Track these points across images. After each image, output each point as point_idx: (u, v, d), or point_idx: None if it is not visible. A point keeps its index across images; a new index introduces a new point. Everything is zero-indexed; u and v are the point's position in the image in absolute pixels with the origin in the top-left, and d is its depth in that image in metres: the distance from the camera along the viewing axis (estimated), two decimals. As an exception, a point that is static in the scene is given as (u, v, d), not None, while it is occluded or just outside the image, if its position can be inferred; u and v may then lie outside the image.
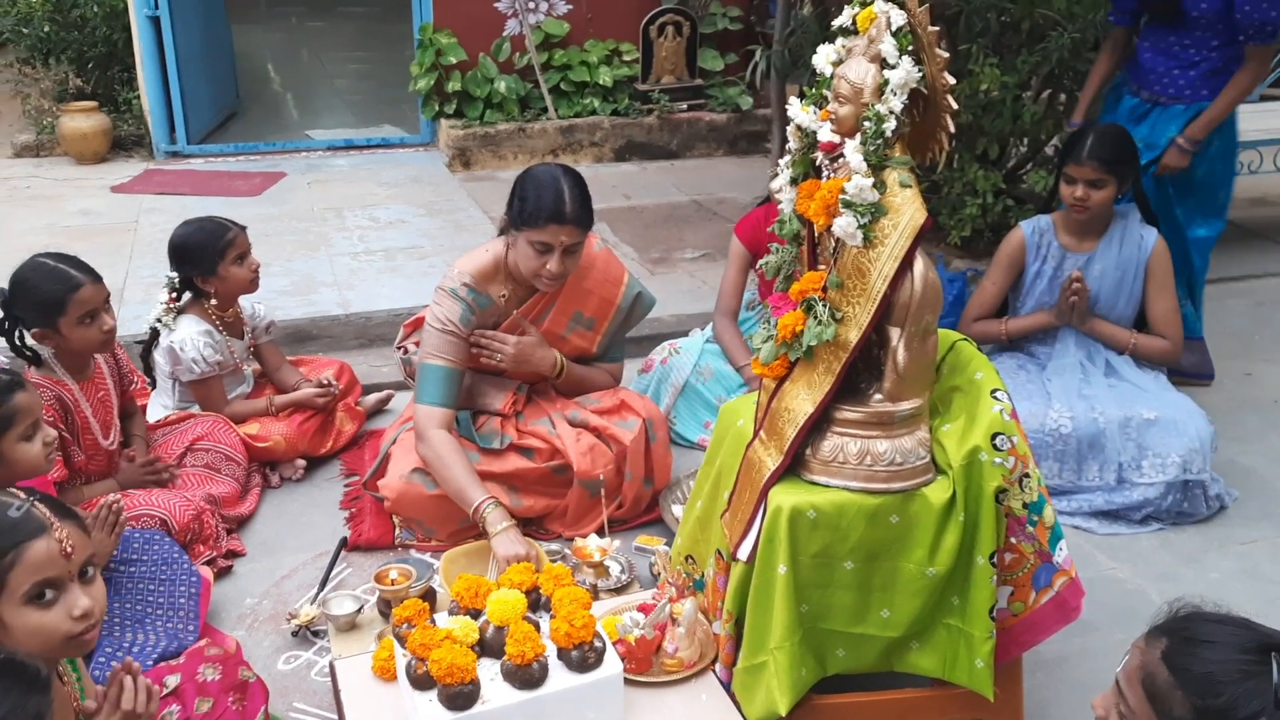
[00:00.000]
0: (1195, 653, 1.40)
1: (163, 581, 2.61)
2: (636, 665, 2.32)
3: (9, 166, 6.13)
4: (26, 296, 2.79)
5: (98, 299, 2.83)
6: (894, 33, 1.96)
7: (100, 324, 2.84)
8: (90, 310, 2.81)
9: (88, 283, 2.81)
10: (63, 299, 2.77)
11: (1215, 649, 1.39)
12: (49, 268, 2.81)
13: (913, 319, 2.04)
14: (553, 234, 2.83)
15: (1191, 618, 1.47)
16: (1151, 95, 3.77)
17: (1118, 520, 3.15)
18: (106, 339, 2.87)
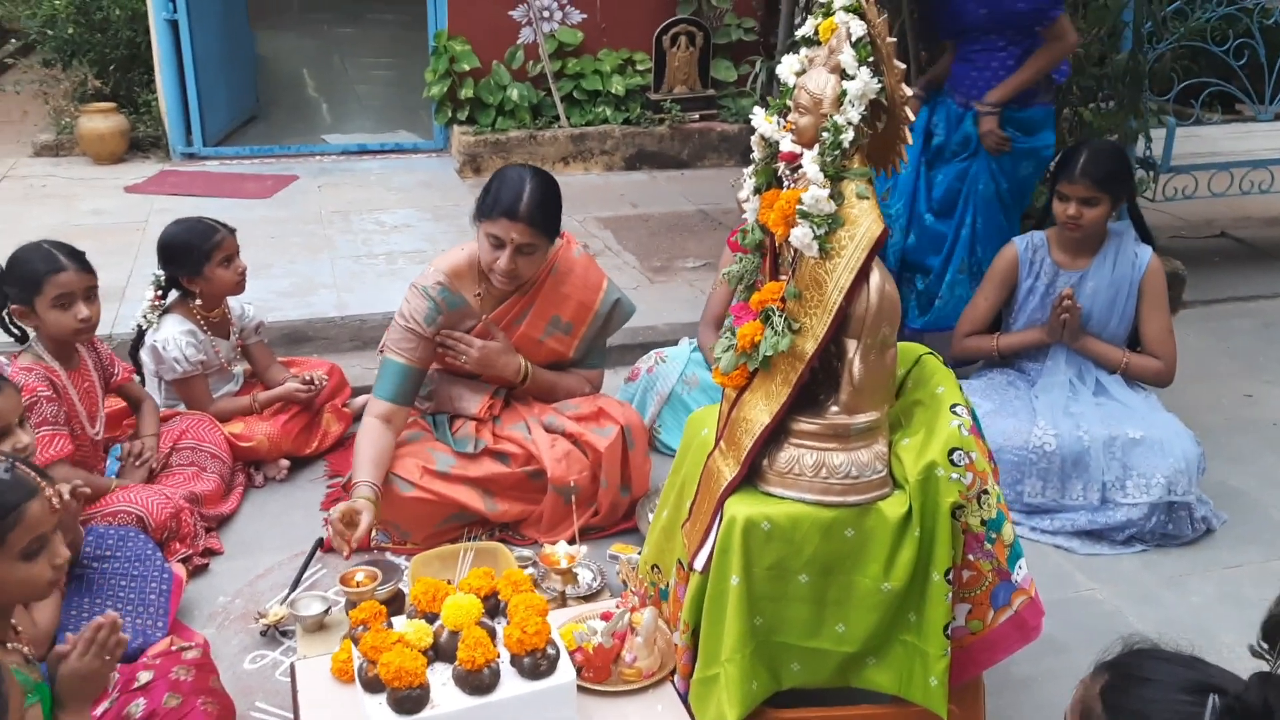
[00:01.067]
0: (1132, 690, 1.38)
1: (134, 578, 2.63)
2: (594, 674, 2.31)
3: (29, 165, 6.23)
4: (14, 271, 2.87)
5: (76, 285, 2.86)
6: (854, 43, 1.95)
7: (75, 312, 2.86)
8: (67, 295, 2.85)
9: (71, 268, 2.86)
10: (41, 279, 2.82)
11: (1153, 688, 1.36)
12: (41, 249, 2.89)
13: (869, 331, 2.02)
14: (504, 229, 2.86)
15: (1138, 654, 1.44)
16: (964, 100, 3.86)
17: (1100, 540, 3.11)
18: (80, 328, 2.89)
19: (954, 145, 3.90)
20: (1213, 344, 4.03)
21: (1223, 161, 5.25)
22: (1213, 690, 1.32)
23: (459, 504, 2.96)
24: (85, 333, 2.94)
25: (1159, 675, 1.38)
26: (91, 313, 2.91)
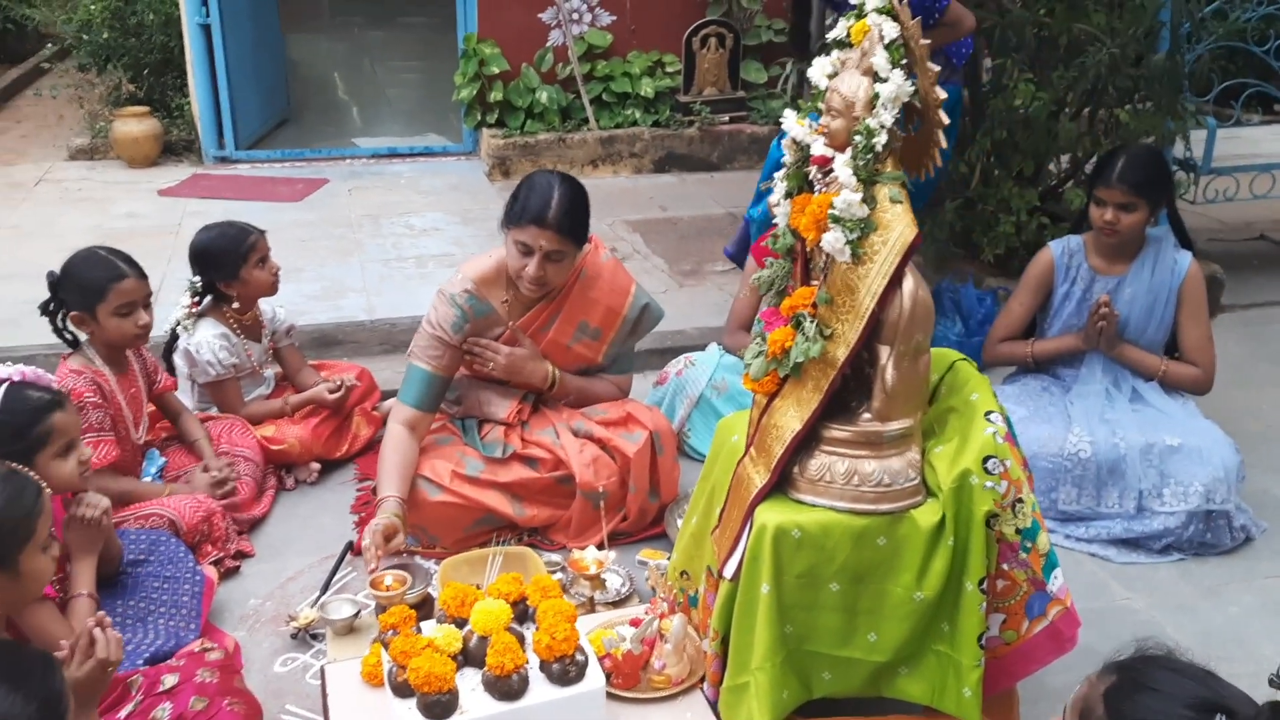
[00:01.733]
0: (1135, 697, 1.35)
1: (167, 579, 2.65)
2: (623, 680, 2.30)
3: (64, 169, 6.29)
4: (73, 280, 2.91)
5: (138, 293, 2.93)
6: (886, 46, 1.93)
7: (136, 318, 2.93)
8: (129, 303, 2.91)
9: (132, 276, 2.93)
10: (104, 287, 2.88)
11: (1157, 698, 1.34)
12: (99, 257, 2.95)
13: (902, 337, 2.00)
14: (532, 236, 2.85)
15: (1149, 661, 1.42)
16: None
17: (1137, 549, 3.06)
18: (140, 334, 2.96)
19: None
20: (1252, 349, 3.95)
21: (1264, 163, 5.16)
22: (1220, 710, 1.30)
23: (487, 508, 2.95)
24: (143, 339, 3.01)
25: (1166, 686, 1.37)
26: (150, 319, 2.98)
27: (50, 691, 1.45)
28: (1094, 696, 1.41)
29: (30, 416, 2.35)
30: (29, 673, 1.44)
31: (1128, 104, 4.31)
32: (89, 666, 1.84)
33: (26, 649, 1.56)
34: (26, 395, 2.38)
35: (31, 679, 1.43)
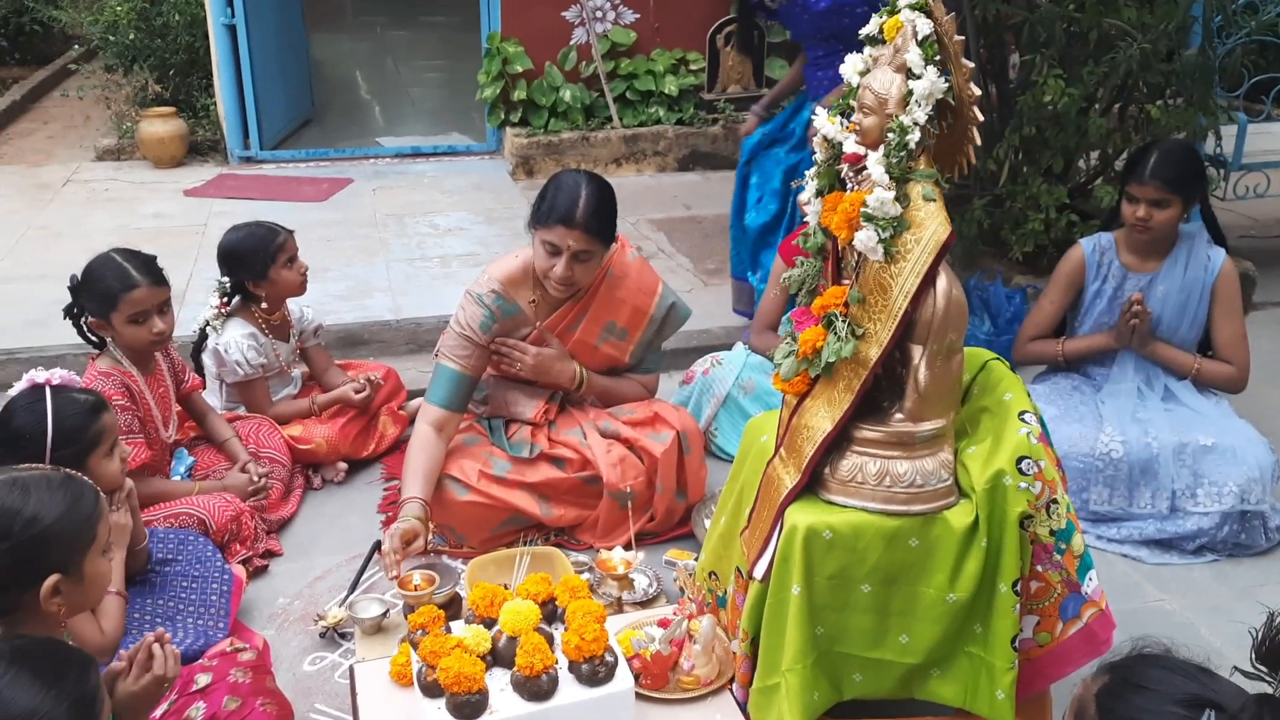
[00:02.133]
0: (1126, 696, 1.34)
1: (195, 579, 2.65)
2: (652, 681, 2.29)
3: (91, 169, 6.34)
4: (89, 287, 2.91)
5: (150, 301, 2.90)
6: (920, 42, 1.91)
7: (150, 326, 2.90)
8: (141, 311, 2.89)
9: (144, 284, 2.89)
10: (116, 296, 2.86)
11: (1147, 696, 1.33)
12: (115, 263, 2.92)
13: (935, 337, 1.98)
14: (560, 236, 2.84)
15: (1143, 659, 1.40)
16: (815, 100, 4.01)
17: (1170, 550, 3.03)
18: (155, 341, 2.94)
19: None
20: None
21: (1296, 159, 5.11)
22: (1210, 706, 1.29)
23: (515, 508, 2.95)
24: (160, 344, 2.99)
25: (1157, 684, 1.35)
26: (165, 325, 2.95)
27: (83, 693, 1.45)
28: (1087, 697, 1.40)
29: (84, 419, 2.39)
30: (64, 673, 1.44)
31: (1159, 100, 4.26)
32: (145, 681, 1.83)
33: (67, 648, 1.55)
34: (75, 399, 2.42)
35: (66, 680, 1.43)
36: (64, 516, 1.76)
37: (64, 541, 1.76)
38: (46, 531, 1.74)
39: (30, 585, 1.73)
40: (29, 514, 1.73)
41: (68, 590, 1.77)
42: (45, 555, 1.74)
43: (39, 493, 1.76)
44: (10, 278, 4.52)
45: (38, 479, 1.79)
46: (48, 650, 1.48)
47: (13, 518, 1.72)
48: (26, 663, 1.41)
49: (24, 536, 1.72)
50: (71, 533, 1.77)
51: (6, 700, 1.35)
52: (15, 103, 8.04)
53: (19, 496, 1.75)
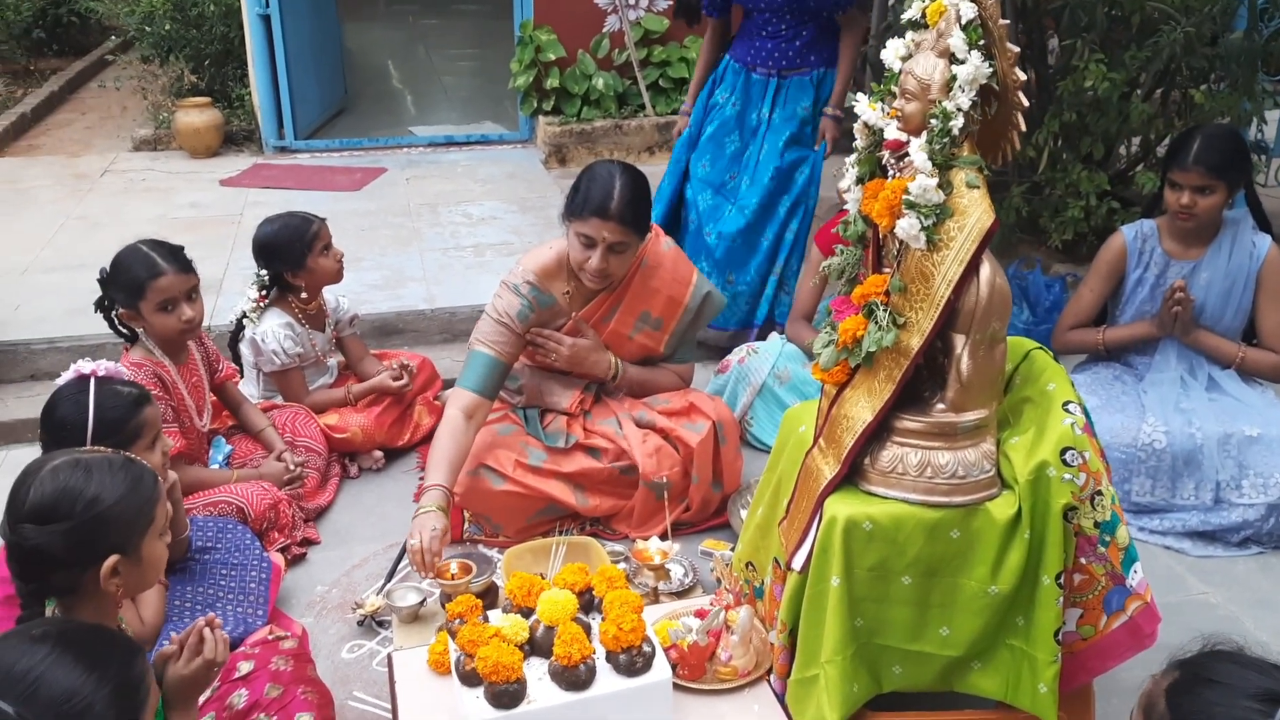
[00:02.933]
0: (1198, 691, 1.32)
1: (234, 567, 2.68)
2: (689, 671, 2.28)
3: (128, 159, 6.39)
4: (117, 277, 2.92)
5: (178, 289, 2.90)
6: (963, 26, 1.88)
7: (179, 314, 2.91)
8: (169, 299, 2.89)
9: (170, 272, 2.89)
10: (143, 284, 2.87)
11: (1220, 690, 1.30)
12: (141, 253, 2.92)
13: (978, 326, 1.95)
14: (595, 228, 2.83)
15: (1214, 655, 1.38)
16: (768, 70, 4.00)
17: (1213, 542, 2.98)
18: (185, 329, 2.94)
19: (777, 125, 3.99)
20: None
21: (1339, 144, 5.01)
22: None
23: (551, 498, 2.95)
24: (190, 333, 2.99)
25: (1229, 679, 1.33)
26: (194, 313, 2.95)
27: (127, 679, 1.46)
28: (1157, 693, 1.38)
29: (126, 412, 2.40)
30: (109, 657, 1.45)
31: (1202, 84, 4.19)
32: (196, 665, 1.85)
33: (114, 635, 1.55)
34: (118, 391, 2.43)
35: (110, 664, 1.44)
36: (124, 498, 1.78)
37: (124, 523, 1.78)
38: (107, 512, 1.76)
39: (89, 565, 1.75)
40: (90, 494, 1.76)
41: (126, 571, 1.79)
42: (105, 536, 1.76)
43: (100, 474, 1.79)
44: (51, 267, 4.57)
45: (100, 461, 1.81)
46: (94, 635, 1.49)
47: (75, 498, 1.75)
48: (72, 645, 1.42)
49: (85, 516, 1.74)
50: (131, 514, 1.79)
51: (49, 681, 1.36)
52: (54, 94, 8.11)
53: (81, 477, 1.77)
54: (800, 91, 3.97)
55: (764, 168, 3.97)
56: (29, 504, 1.75)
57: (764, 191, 3.95)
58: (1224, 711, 1.29)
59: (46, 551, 1.74)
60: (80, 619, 1.76)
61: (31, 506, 1.74)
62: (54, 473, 1.77)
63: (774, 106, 3.99)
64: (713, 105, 4.10)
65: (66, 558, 1.74)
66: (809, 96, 3.97)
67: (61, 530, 1.73)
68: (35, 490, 1.76)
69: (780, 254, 4.00)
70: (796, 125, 3.97)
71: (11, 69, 9.13)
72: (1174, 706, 1.33)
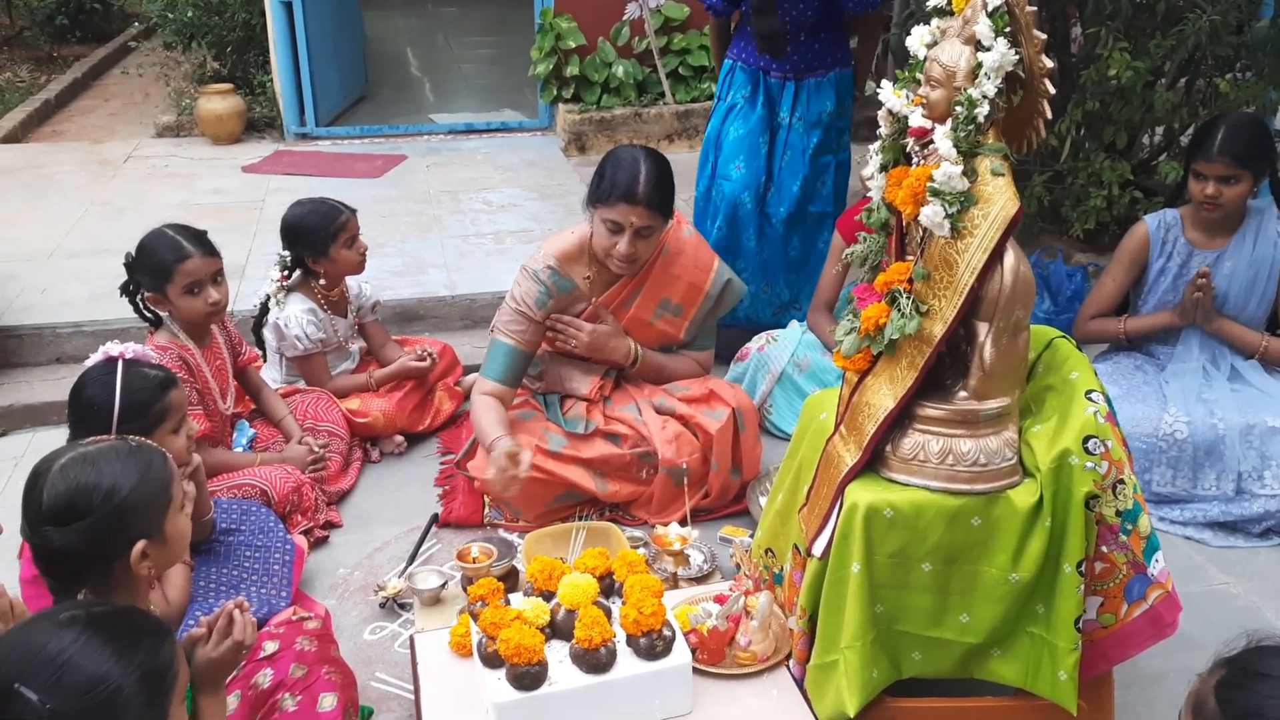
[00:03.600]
0: (1247, 685, 1.32)
1: (258, 549, 2.70)
2: (708, 656, 2.30)
3: (151, 146, 6.43)
4: (143, 261, 2.95)
5: (204, 272, 2.93)
6: (990, 13, 1.88)
7: (205, 296, 2.94)
8: (195, 282, 2.92)
9: (196, 255, 2.92)
10: (170, 267, 2.90)
11: (1269, 684, 1.31)
12: (166, 237, 2.95)
13: (1002, 314, 1.95)
14: (622, 213, 2.84)
15: (1260, 650, 1.38)
16: (784, 74, 3.85)
17: (1235, 533, 2.98)
18: (211, 311, 2.97)
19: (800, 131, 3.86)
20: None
21: (1366, 134, 4.96)
22: None
23: (571, 483, 2.97)
24: (216, 315, 3.02)
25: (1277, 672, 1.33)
26: (220, 295, 2.98)
27: (155, 665, 1.46)
28: (1205, 691, 1.38)
29: (152, 395, 2.42)
30: (137, 641, 1.45)
31: (1228, 73, 4.15)
32: (225, 647, 1.86)
33: (143, 616, 1.56)
34: (145, 374, 2.45)
35: (139, 649, 1.44)
36: (140, 484, 1.79)
37: (144, 508, 1.79)
38: (125, 502, 1.77)
39: (117, 556, 1.77)
40: (106, 487, 1.76)
41: (154, 553, 1.81)
42: (128, 525, 1.77)
43: (110, 464, 1.79)
44: (76, 252, 4.61)
45: (106, 451, 1.82)
46: (123, 618, 1.49)
47: (90, 493, 1.75)
48: (100, 630, 1.42)
49: (105, 510, 1.75)
50: (150, 498, 1.80)
51: (77, 665, 1.37)
52: (77, 80, 8.17)
53: (91, 471, 1.77)
54: (820, 94, 3.85)
55: (791, 177, 3.85)
56: (45, 506, 1.75)
57: (793, 201, 3.85)
58: (1276, 704, 1.29)
59: (71, 550, 1.74)
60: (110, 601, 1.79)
61: (48, 508, 1.75)
62: (63, 471, 1.77)
63: (794, 110, 3.86)
64: (733, 106, 3.93)
65: (92, 553, 1.75)
66: (831, 99, 3.85)
67: (83, 528, 1.74)
68: (49, 491, 1.75)
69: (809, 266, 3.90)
70: (821, 132, 3.85)
71: (35, 55, 9.20)
72: (1225, 702, 1.33)
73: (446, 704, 2.23)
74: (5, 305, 3.97)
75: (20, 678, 1.35)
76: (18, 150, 6.41)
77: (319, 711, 2.12)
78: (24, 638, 1.41)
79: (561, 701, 2.10)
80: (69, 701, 1.35)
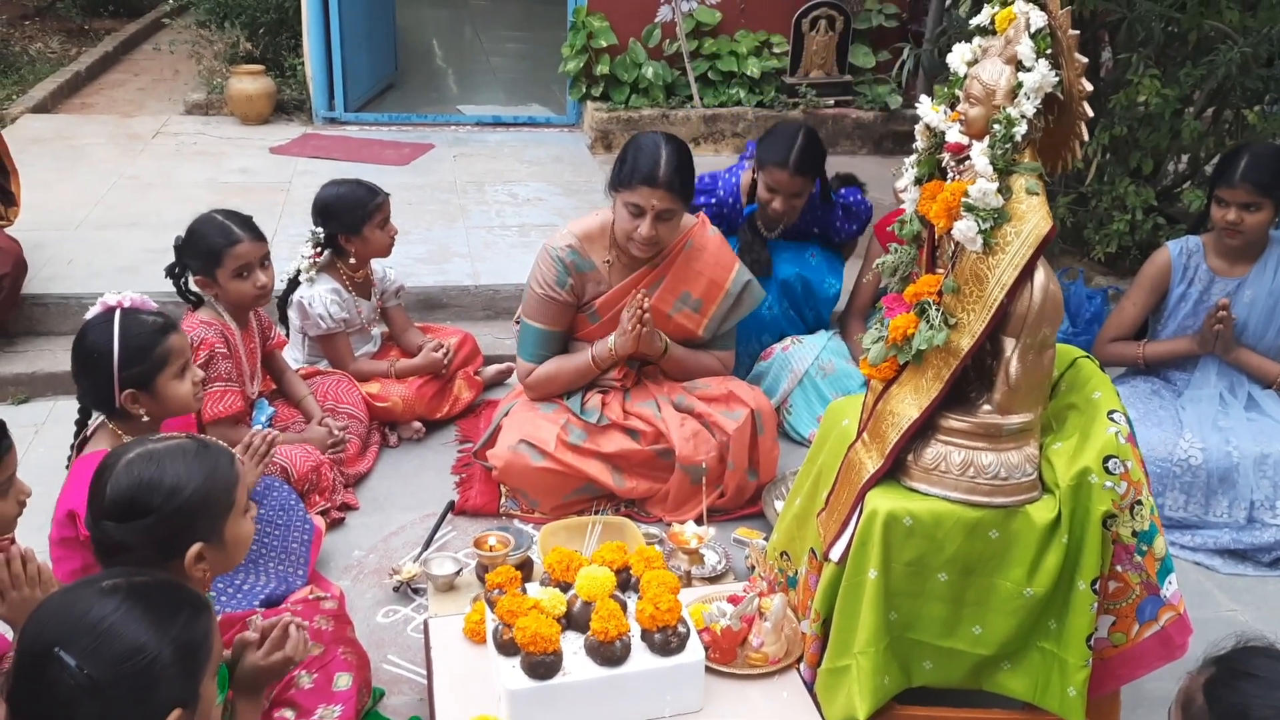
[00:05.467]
0: (1235, 684, 1.36)
1: (278, 526, 2.73)
2: (721, 655, 2.32)
3: (180, 122, 6.46)
4: (193, 245, 3.00)
5: (253, 255, 2.99)
6: (1032, 34, 1.90)
7: (254, 280, 3.00)
8: (245, 265, 2.98)
9: (246, 239, 2.99)
10: (220, 252, 2.96)
11: (1256, 683, 1.34)
12: (216, 222, 3.01)
13: (1029, 330, 1.98)
14: (644, 196, 2.88)
15: (1249, 650, 1.42)
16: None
17: (1244, 561, 3.00)
18: (259, 294, 3.03)
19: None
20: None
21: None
22: None
23: (588, 477, 2.99)
24: (263, 299, 3.07)
25: (1266, 672, 1.38)
26: (268, 279, 3.05)
27: (191, 637, 1.46)
28: (1194, 688, 1.43)
29: (149, 339, 2.41)
30: (176, 614, 1.45)
31: (1256, 105, 4.17)
32: (275, 659, 1.86)
33: (183, 589, 1.54)
34: (143, 320, 2.44)
35: (176, 621, 1.44)
36: (203, 486, 1.78)
37: (205, 511, 1.78)
38: (186, 504, 1.75)
39: (175, 555, 1.76)
40: (168, 486, 1.75)
41: (211, 556, 1.80)
42: (187, 527, 1.76)
43: (175, 464, 1.78)
44: (103, 224, 4.65)
45: (173, 449, 1.80)
46: (164, 590, 1.49)
47: (152, 491, 1.74)
48: (140, 600, 1.43)
49: (166, 510, 1.74)
50: (211, 502, 1.79)
51: (116, 634, 1.38)
52: (108, 54, 8.20)
53: (155, 469, 1.76)
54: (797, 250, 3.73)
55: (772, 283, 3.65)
56: (107, 500, 1.75)
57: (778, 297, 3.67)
58: (1261, 703, 1.32)
59: (129, 547, 1.74)
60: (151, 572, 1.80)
61: (110, 502, 1.75)
62: (128, 467, 1.76)
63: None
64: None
65: (150, 551, 1.74)
66: (809, 249, 3.75)
67: (142, 526, 1.73)
68: (112, 485, 1.75)
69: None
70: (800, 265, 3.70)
71: (67, 28, 9.23)
72: (1213, 700, 1.37)
73: (459, 689, 2.26)
74: (32, 274, 4.00)
75: (60, 642, 1.36)
76: (47, 120, 6.45)
77: (334, 690, 2.15)
78: (66, 603, 1.42)
79: (574, 692, 2.12)
80: (106, 669, 1.35)
